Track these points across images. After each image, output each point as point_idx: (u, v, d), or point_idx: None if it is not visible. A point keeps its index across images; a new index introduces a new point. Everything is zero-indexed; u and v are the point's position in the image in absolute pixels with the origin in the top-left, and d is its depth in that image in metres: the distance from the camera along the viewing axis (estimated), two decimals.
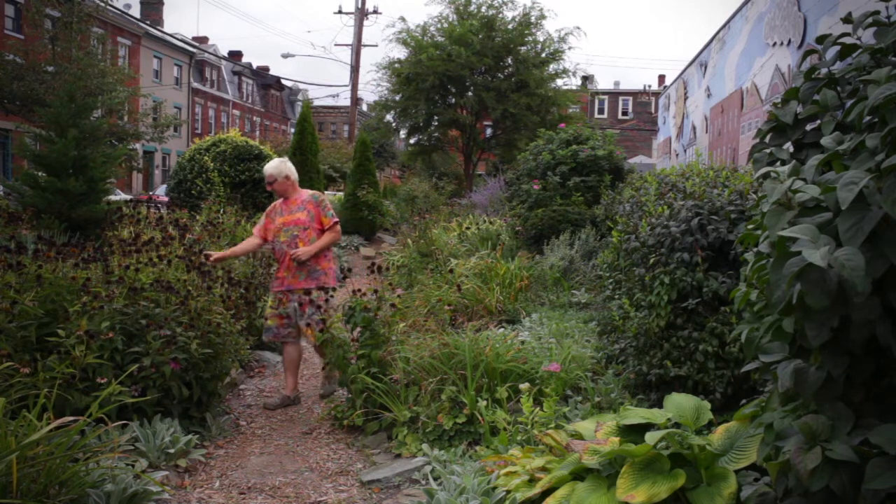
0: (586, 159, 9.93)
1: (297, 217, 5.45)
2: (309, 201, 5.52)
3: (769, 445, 2.10)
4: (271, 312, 5.45)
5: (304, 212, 5.47)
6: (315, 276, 5.41)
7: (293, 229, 5.42)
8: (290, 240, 5.40)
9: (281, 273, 5.44)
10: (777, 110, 2.35)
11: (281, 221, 5.47)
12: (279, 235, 5.45)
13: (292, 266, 5.36)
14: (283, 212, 5.51)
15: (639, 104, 53.63)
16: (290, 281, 5.39)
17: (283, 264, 5.41)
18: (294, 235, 5.40)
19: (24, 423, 3.15)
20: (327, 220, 5.49)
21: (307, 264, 5.37)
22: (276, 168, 5.49)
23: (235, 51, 52.58)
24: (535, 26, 25.08)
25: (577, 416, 4.07)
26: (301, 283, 5.38)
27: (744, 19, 11.00)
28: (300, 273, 5.38)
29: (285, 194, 5.55)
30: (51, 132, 8.41)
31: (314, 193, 5.58)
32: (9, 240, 6.02)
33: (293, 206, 5.50)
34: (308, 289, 5.39)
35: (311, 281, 5.40)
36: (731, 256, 3.94)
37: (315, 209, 5.48)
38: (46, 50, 22.59)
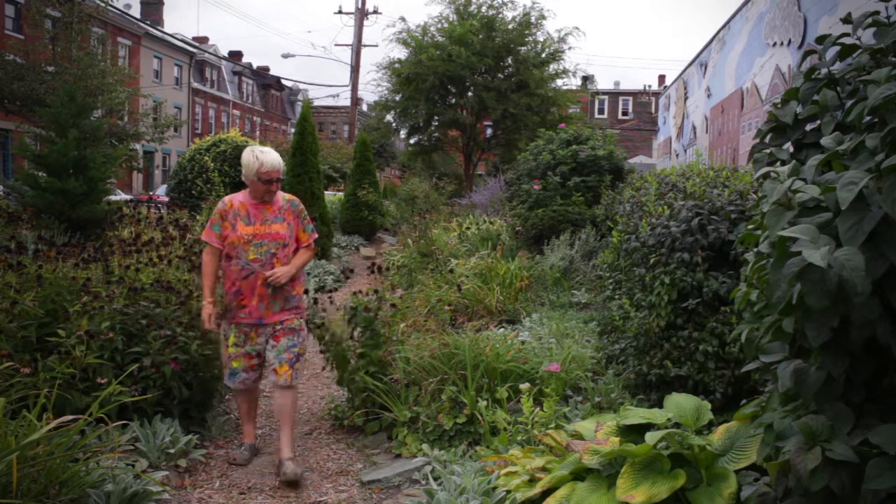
0: (586, 159, 9.93)
1: (275, 230, 4.22)
2: (287, 210, 4.31)
3: (769, 445, 2.10)
4: (236, 352, 4.24)
5: (282, 223, 4.25)
6: (292, 304, 4.28)
7: (269, 245, 4.19)
8: (264, 259, 4.17)
9: (249, 301, 4.17)
10: (777, 110, 2.35)
11: (249, 232, 4.18)
12: (246, 250, 4.15)
13: (265, 293, 4.16)
14: (254, 218, 4.21)
15: (639, 104, 53.63)
16: (261, 312, 4.18)
17: (252, 289, 4.16)
18: (270, 254, 4.18)
19: (24, 422, 3.15)
20: (306, 235, 4.36)
21: (283, 290, 4.21)
22: (280, 162, 4.27)
23: (235, 51, 52.59)
24: (535, 26, 25.07)
25: (578, 417, 4.07)
26: (276, 316, 4.21)
27: (744, 19, 11.00)
28: (275, 302, 4.20)
29: (263, 196, 4.26)
30: (51, 132, 8.41)
31: (292, 199, 4.37)
32: (9, 240, 6.02)
33: (268, 214, 4.24)
34: (283, 320, 4.26)
35: (288, 312, 4.26)
36: (732, 256, 3.94)
37: (294, 221, 4.32)
38: (47, 50, 22.60)
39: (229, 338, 4.26)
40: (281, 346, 4.22)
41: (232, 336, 4.26)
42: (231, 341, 4.26)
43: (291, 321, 4.26)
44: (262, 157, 4.14)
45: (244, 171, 4.18)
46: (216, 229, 4.22)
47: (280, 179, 4.25)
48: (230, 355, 4.27)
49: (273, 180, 4.19)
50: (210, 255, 4.24)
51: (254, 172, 4.13)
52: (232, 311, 4.23)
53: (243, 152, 4.22)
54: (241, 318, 4.21)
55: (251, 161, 4.14)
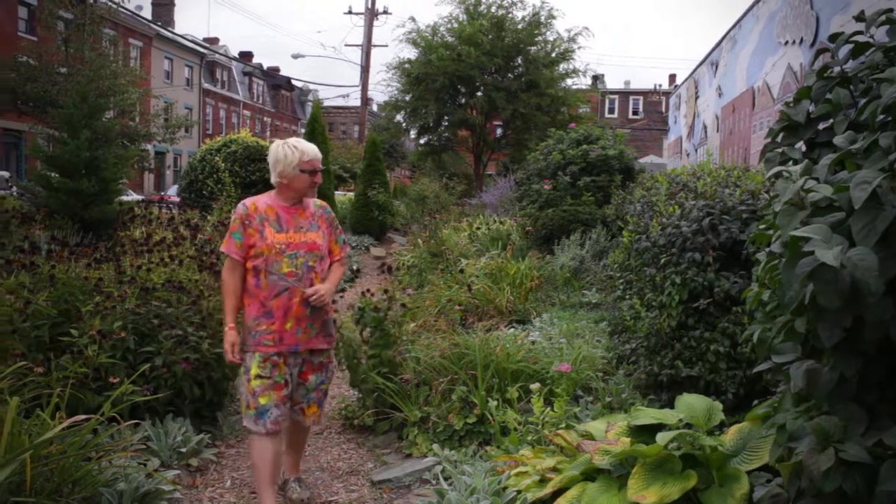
0: (597, 159, 9.91)
1: (311, 238, 3.57)
2: (321, 217, 3.68)
3: (782, 446, 2.09)
4: (262, 385, 3.42)
5: (318, 232, 3.62)
6: (328, 330, 3.67)
7: (305, 256, 3.52)
8: (300, 272, 3.50)
9: (281, 324, 3.47)
10: (789, 109, 2.34)
11: (282, 240, 3.50)
12: (279, 262, 3.46)
13: (302, 314, 3.49)
14: (286, 224, 3.55)
15: (649, 104, 53.45)
16: (297, 337, 3.51)
17: (285, 310, 3.47)
18: (307, 267, 3.52)
19: (37, 421, 3.18)
20: (339, 248, 3.75)
21: (322, 311, 3.59)
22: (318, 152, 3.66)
23: (246, 51, 52.77)
24: (544, 26, 25.06)
25: (588, 417, 4.06)
26: (312, 342, 3.56)
27: (755, 18, 10.94)
28: (313, 326, 3.55)
29: (305, 193, 3.62)
30: (64, 133, 8.47)
31: (324, 205, 3.75)
32: (22, 240, 6.07)
33: (302, 220, 3.59)
34: (317, 349, 3.61)
35: (324, 339, 3.63)
36: (743, 256, 3.92)
37: (328, 230, 3.70)
38: (59, 51, 22.78)
39: (251, 369, 3.43)
40: (310, 384, 3.62)
41: (255, 367, 3.43)
42: (254, 373, 3.43)
43: (324, 353, 3.66)
44: (302, 146, 3.54)
45: (279, 167, 3.50)
46: (237, 238, 3.49)
47: (319, 171, 3.63)
48: (255, 390, 3.41)
49: (317, 170, 3.58)
50: (231, 269, 3.50)
51: (295, 164, 3.49)
52: (254, 336, 3.47)
53: (271, 149, 3.57)
54: (267, 346, 3.45)
55: (289, 153, 3.50)
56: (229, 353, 3.43)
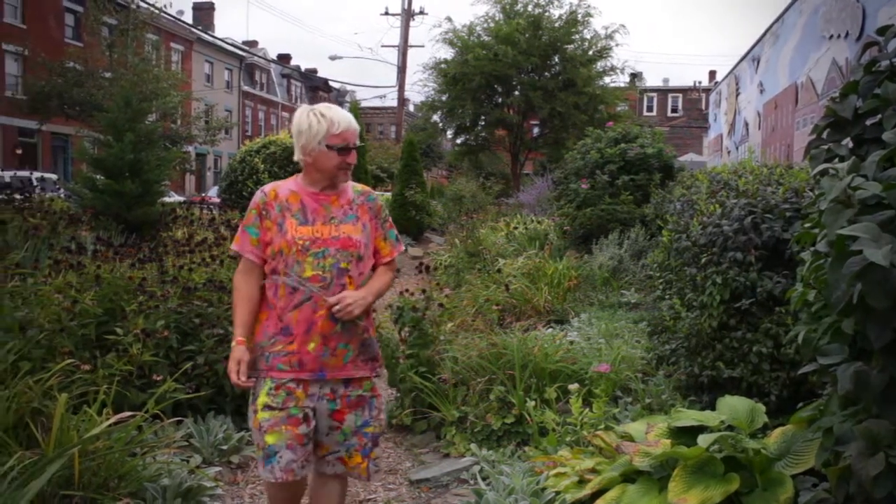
0: (635, 158, 9.81)
1: (345, 232, 2.72)
2: (362, 205, 2.81)
3: (828, 450, 2.04)
4: (271, 418, 2.60)
5: (355, 224, 2.75)
6: (370, 352, 2.74)
7: (336, 256, 2.68)
8: (328, 277, 2.65)
9: (302, 343, 2.64)
10: (835, 105, 2.28)
11: (306, 235, 2.68)
12: (300, 263, 2.65)
13: (330, 330, 2.64)
14: (312, 215, 2.72)
15: (689, 101, 52.73)
16: (323, 360, 2.64)
17: (308, 325, 2.64)
18: (338, 270, 2.67)
19: (84, 418, 3.26)
20: (388, 246, 2.87)
21: (358, 327, 2.68)
22: (356, 124, 2.79)
23: (284, 54, 53.42)
24: (581, 24, 24.90)
25: (627, 418, 4.02)
26: (346, 369, 2.68)
27: (798, 12, 10.72)
28: (347, 347, 2.68)
29: (333, 178, 2.76)
30: (108, 136, 8.69)
31: (367, 191, 2.88)
32: (70, 241, 6.23)
33: (335, 210, 2.75)
34: (353, 378, 2.71)
35: (363, 365, 2.73)
36: (786, 256, 3.84)
37: (372, 222, 2.82)
38: (104, 57, 23.37)
39: (259, 397, 2.62)
40: (348, 426, 2.68)
41: (263, 394, 2.61)
42: (262, 402, 2.60)
43: (364, 383, 2.72)
44: (332, 114, 2.68)
45: (301, 140, 2.70)
46: (253, 233, 2.74)
47: (358, 148, 2.81)
48: (261, 425, 2.59)
49: (351, 147, 2.70)
50: (246, 273, 2.75)
51: (321, 137, 2.65)
52: (266, 358, 2.65)
53: (295, 116, 2.78)
54: (282, 371, 2.61)
55: (313, 122, 2.67)
56: (234, 372, 2.59)
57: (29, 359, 3.68)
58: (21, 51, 25.42)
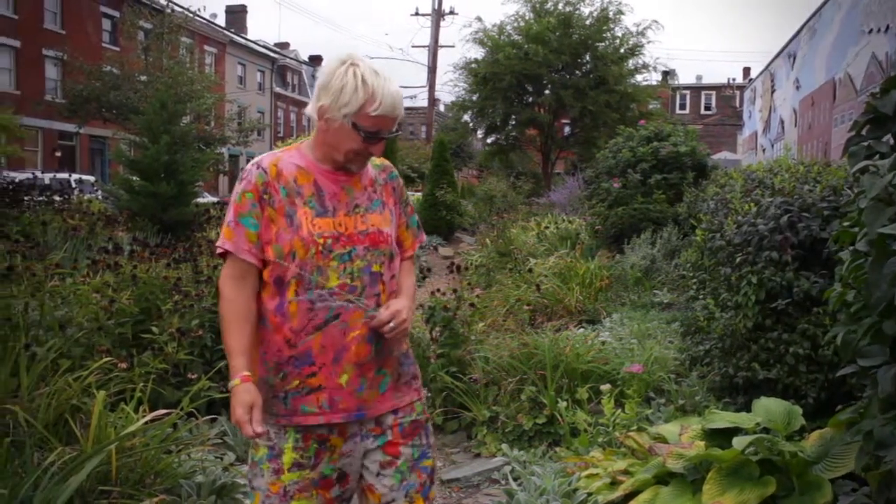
0: (668, 156, 9.70)
1: (375, 224, 2.06)
2: (384, 184, 2.15)
3: (868, 454, 2.00)
4: (299, 481, 1.96)
5: (382, 212, 2.10)
6: (408, 373, 2.13)
7: (368, 257, 2.02)
8: (360, 285, 1.99)
9: (331, 376, 1.96)
10: (875, 101, 2.23)
11: (326, 230, 1.98)
12: (323, 269, 1.96)
13: (366, 356, 1.99)
14: (332, 201, 2.02)
15: (722, 98, 52.01)
16: (362, 396, 2.00)
17: (338, 351, 1.97)
18: (372, 275, 2.02)
19: (122, 415, 3.32)
20: (411, 236, 2.25)
21: (392, 346, 2.05)
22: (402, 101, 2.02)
23: (315, 55, 53.77)
24: (612, 21, 24.70)
25: (660, 419, 3.98)
26: (388, 399, 2.06)
27: (836, 6, 10.51)
28: (384, 373, 2.05)
29: (350, 160, 2.02)
30: (144, 138, 8.84)
31: (386, 164, 2.20)
32: (107, 241, 6.36)
33: (358, 193, 2.06)
34: (403, 408, 2.10)
35: (406, 389, 2.12)
36: (824, 255, 3.77)
37: (396, 207, 2.18)
38: (140, 60, 23.79)
39: (283, 454, 1.96)
40: (404, 460, 2.06)
41: (289, 448, 1.96)
42: (289, 460, 1.96)
43: (413, 407, 2.11)
44: (375, 85, 1.92)
45: (325, 99, 1.96)
46: (250, 225, 1.98)
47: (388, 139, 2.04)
48: (286, 490, 1.96)
49: (382, 137, 1.98)
50: (238, 279, 1.98)
51: (350, 109, 1.92)
52: (284, 400, 1.98)
53: (329, 64, 2.00)
54: (309, 415, 1.96)
55: (349, 85, 1.92)
56: (245, 423, 1.86)
57: (68, 357, 3.76)
58: (60, 56, 25.99)
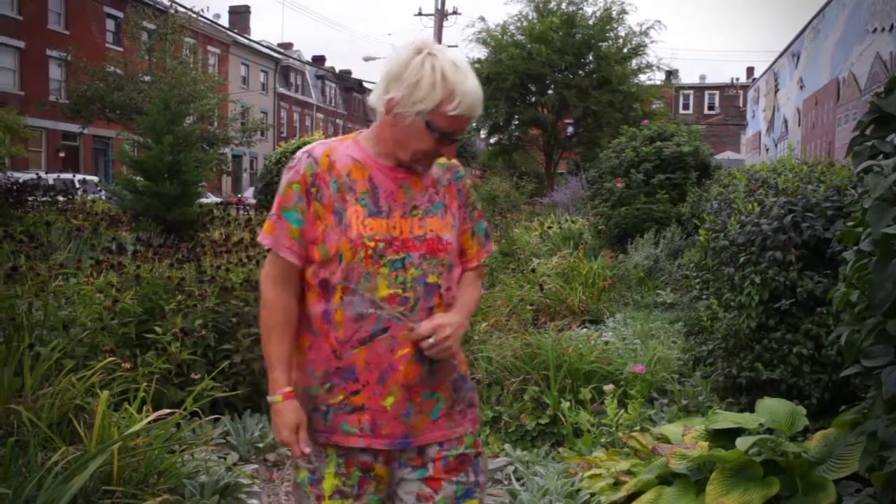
0: (671, 156, 9.69)
1: (434, 229, 1.82)
2: (448, 185, 1.89)
3: (873, 455, 1.99)
4: None
5: (444, 217, 1.85)
6: (465, 399, 1.92)
7: (424, 265, 1.78)
8: (413, 296, 1.77)
9: (375, 397, 1.76)
10: (880, 100, 2.23)
11: (379, 232, 1.76)
12: (371, 276, 1.74)
13: (415, 377, 1.77)
14: (388, 201, 1.80)
15: (726, 98, 51.95)
16: (409, 421, 1.78)
17: (382, 370, 1.75)
18: (427, 287, 1.79)
19: (125, 415, 3.32)
20: (476, 245, 1.97)
21: (447, 367, 1.85)
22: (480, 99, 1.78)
23: (319, 55, 53.85)
24: (616, 21, 24.69)
25: (663, 419, 3.98)
26: (440, 428, 1.83)
27: (840, 6, 10.49)
28: (436, 397, 1.83)
29: (418, 159, 1.81)
30: (148, 139, 8.86)
31: (452, 164, 1.93)
32: (111, 241, 6.37)
33: (417, 193, 1.83)
34: (451, 440, 1.86)
35: (460, 418, 1.89)
36: (828, 255, 3.76)
37: (460, 211, 1.91)
38: (143, 61, 23.85)
39: (323, 480, 1.79)
40: (443, 498, 1.83)
41: (330, 473, 1.79)
42: (330, 486, 1.78)
43: (462, 439, 1.89)
44: (456, 81, 1.71)
45: (396, 92, 1.75)
46: (293, 220, 1.80)
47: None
48: None
49: (456, 137, 1.80)
50: (280, 280, 1.82)
51: (427, 106, 1.71)
52: (324, 415, 1.80)
53: (402, 52, 1.76)
54: (349, 435, 1.78)
55: (426, 80, 1.71)
56: (293, 441, 1.75)
57: (72, 356, 3.76)
58: (64, 56, 26.05)
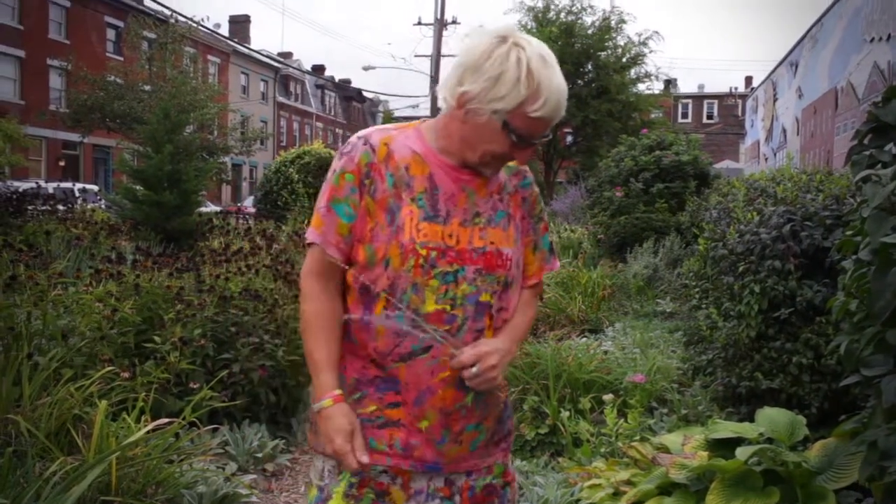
0: (670, 165, 9.71)
1: (495, 242, 1.59)
2: (514, 193, 1.66)
3: (873, 465, 1.99)
4: None
5: (507, 228, 1.62)
6: (504, 429, 1.73)
7: (478, 282, 1.56)
8: (462, 316, 1.55)
9: (409, 414, 1.59)
10: (878, 109, 2.23)
11: (434, 238, 1.54)
12: (420, 288, 1.53)
13: (454, 403, 1.58)
14: (446, 204, 1.56)
15: (724, 107, 52.09)
16: (443, 448, 1.60)
17: (422, 391, 1.57)
18: (479, 306, 1.57)
19: (123, 425, 3.31)
20: (538, 261, 1.73)
21: (496, 396, 1.66)
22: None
23: (318, 65, 53.99)
24: (614, 31, 24.80)
25: (663, 429, 3.97)
26: (473, 458, 1.66)
27: (838, 15, 10.54)
28: (479, 429, 1.64)
29: (465, 149, 1.57)
30: (148, 148, 8.87)
31: (521, 170, 1.69)
32: (110, 251, 6.37)
33: (480, 200, 1.60)
34: (480, 469, 1.68)
35: (496, 449, 1.71)
36: (827, 264, 3.76)
37: (524, 221, 1.68)
38: (143, 70, 23.90)
39: (331, 499, 1.62)
40: None
41: (338, 496, 1.62)
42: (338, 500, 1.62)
43: (491, 469, 1.71)
44: (542, 78, 1.54)
45: (473, 85, 1.52)
46: (343, 214, 1.58)
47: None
48: None
49: (535, 141, 1.56)
50: (324, 278, 1.62)
51: (507, 105, 1.50)
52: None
53: (482, 39, 1.54)
54: (376, 452, 1.61)
55: (510, 74, 1.50)
56: (348, 453, 1.56)
57: (71, 366, 3.75)
58: (65, 66, 26.11)
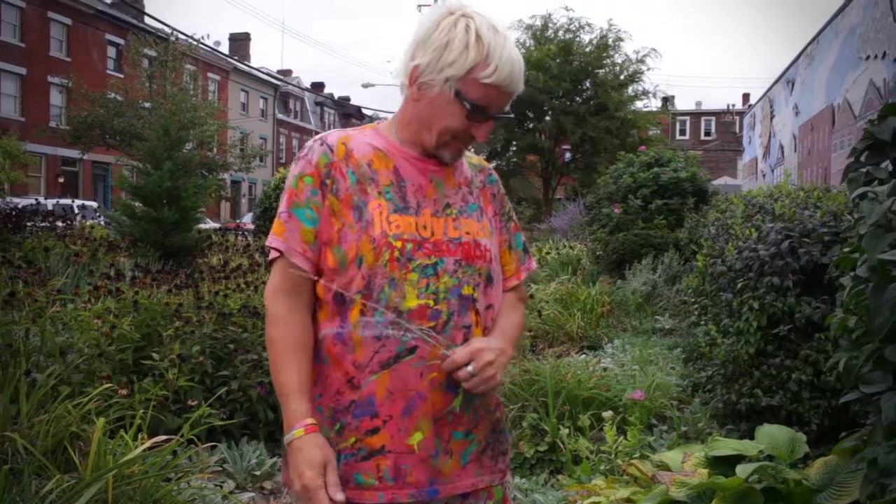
0: (668, 182, 9.74)
1: (472, 232, 1.53)
2: (482, 187, 1.64)
3: (873, 482, 1.98)
4: None
5: (479, 217, 1.57)
6: (501, 438, 1.60)
7: (460, 273, 1.48)
8: (447, 310, 1.45)
9: (392, 430, 1.44)
10: (874, 127, 2.25)
11: (407, 229, 1.46)
12: (399, 283, 1.43)
13: (443, 405, 1.46)
14: (417, 196, 1.50)
15: (722, 124, 52.34)
16: (436, 467, 1.47)
17: (410, 399, 1.44)
18: (463, 299, 1.47)
19: (120, 442, 3.29)
20: (514, 260, 1.67)
21: (491, 399, 1.57)
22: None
23: (318, 82, 54.26)
24: (612, 48, 24.98)
25: (663, 446, 3.95)
26: (468, 475, 1.51)
27: (834, 33, 10.62)
28: (471, 438, 1.52)
29: (422, 131, 1.52)
30: (147, 165, 8.89)
31: (484, 165, 1.71)
32: (109, 267, 6.37)
33: (450, 191, 1.54)
34: (478, 491, 1.54)
35: (491, 465, 1.57)
36: (825, 281, 3.76)
37: (495, 217, 1.64)
38: (143, 87, 24.02)
39: None
40: None
41: None
42: None
43: (491, 492, 1.58)
44: (492, 43, 1.51)
45: (423, 57, 1.48)
46: (305, 219, 1.49)
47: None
48: None
49: (491, 115, 1.53)
50: (292, 295, 1.51)
51: (457, 71, 1.45)
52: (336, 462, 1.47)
53: (431, 13, 1.51)
54: (364, 488, 1.46)
55: (458, 40, 1.46)
56: (319, 489, 1.40)
57: (68, 383, 3.74)
58: (65, 83, 26.24)
